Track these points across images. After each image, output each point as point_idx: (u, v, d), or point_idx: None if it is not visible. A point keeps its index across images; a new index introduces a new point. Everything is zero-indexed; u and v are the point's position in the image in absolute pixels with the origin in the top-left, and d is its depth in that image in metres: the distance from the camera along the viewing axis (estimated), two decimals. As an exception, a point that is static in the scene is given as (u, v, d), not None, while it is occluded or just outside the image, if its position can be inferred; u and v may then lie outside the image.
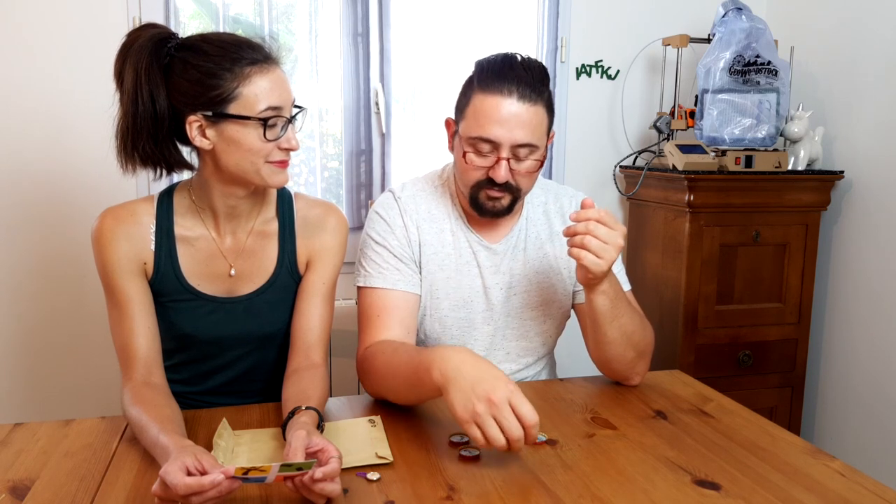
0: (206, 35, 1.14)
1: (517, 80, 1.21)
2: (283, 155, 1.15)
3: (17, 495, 0.92)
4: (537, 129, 1.23)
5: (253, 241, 1.25)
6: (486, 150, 1.23)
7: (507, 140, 1.21)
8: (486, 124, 1.21)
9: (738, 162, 2.12)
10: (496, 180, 1.23)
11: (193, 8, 2.19)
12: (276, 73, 1.13)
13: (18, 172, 2.04)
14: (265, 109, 1.10)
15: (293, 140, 1.15)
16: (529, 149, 1.23)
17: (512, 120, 1.20)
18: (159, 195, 1.23)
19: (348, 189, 2.27)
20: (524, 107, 1.20)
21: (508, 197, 1.27)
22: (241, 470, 0.84)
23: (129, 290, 1.16)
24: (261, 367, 1.31)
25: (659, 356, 2.23)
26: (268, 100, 1.10)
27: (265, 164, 1.13)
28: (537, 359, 1.42)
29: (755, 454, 1.06)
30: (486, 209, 1.28)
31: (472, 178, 1.27)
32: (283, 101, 1.12)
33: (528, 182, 1.29)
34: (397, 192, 1.38)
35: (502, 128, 1.20)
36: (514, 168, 1.24)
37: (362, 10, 2.20)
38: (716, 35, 2.19)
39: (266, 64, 1.12)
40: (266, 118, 1.10)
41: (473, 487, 0.95)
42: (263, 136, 1.11)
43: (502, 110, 1.20)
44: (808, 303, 2.24)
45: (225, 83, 1.09)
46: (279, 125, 1.12)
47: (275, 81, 1.12)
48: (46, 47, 2.01)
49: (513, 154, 1.23)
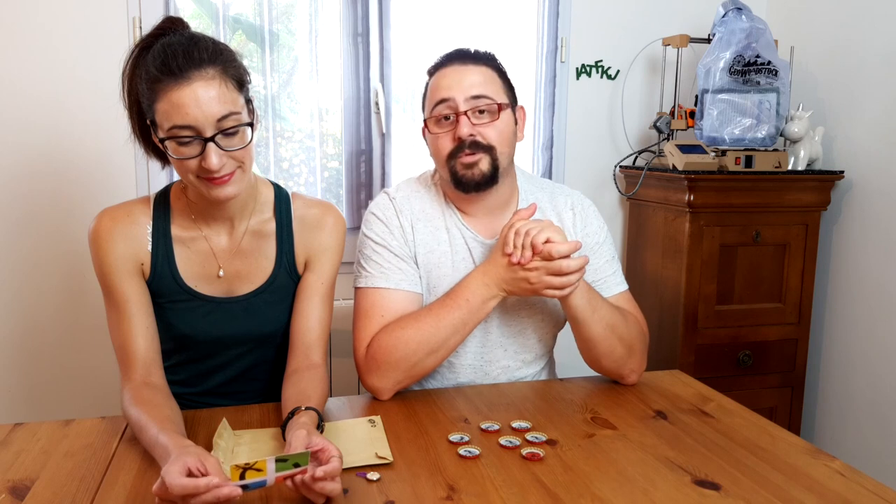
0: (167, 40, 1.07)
1: (455, 54, 1.33)
2: (208, 173, 1.07)
3: (17, 495, 0.92)
4: (487, 83, 1.29)
5: (249, 242, 1.24)
6: (445, 113, 1.29)
7: (459, 94, 1.27)
8: (438, 91, 1.30)
9: (738, 162, 2.12)
10: (461, 136, 1.27)
11: (193, 8, 2.19)
12: (191, 88, 1.02)
13: (18, 172, 2.04)
14: (171, 128, 1.04)
15: (210, 159, 1.04)
16: (486, 101, 1.28)
17: (459, 78, 1.29)
18: (156, 196, 1.23)
19: (348, 189, 2.27)
20: (467, 66, 1.30)
21: (485, 158, 1.28)
22: (237, 470, 0.84)
23: (126, 291, 1.16)
24: (260, 368, 1.30)
25: (659, 356, 2.23)
26: (174, 118, 1.03)
27: (197, 179, 1.09)
28: (535, 357, 1.42)
29: (755, 454, 1.06)
30: (467, 179, 1.29)
31: (443, 149, 1.30)
32: (194, 120, 1.03)
33: (499, 137, 1.29)
34: (392, 193, 1.39)
35: (452, 86, 1.28)
36: (476, 122, 1.28)
37: (362, 10, 2.20)
38: (716, 35, 2.19)
39: (179, 78, 1.03)
40: (172, 138, 1.05)
41: (473, 487, 0.95)
42: (166, 148, 1.06)
43: (448, 75, 1.30)
44: (808, 303, 2.24)
45: (145, 98, 1.07)
46: (195, 144, 1.05)
47: (186, 98, 1.02)
48: (46, 47, 2.01)
49: (471, 109, 1.27)
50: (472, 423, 1.16)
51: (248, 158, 1.11)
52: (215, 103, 1.04)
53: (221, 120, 1.05)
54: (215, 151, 1.05)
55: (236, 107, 1.08)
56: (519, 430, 1.13)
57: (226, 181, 1.09)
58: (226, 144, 1.07)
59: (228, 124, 1.06)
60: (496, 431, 1.13)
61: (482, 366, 1.38)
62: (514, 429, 1.14)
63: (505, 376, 1.39)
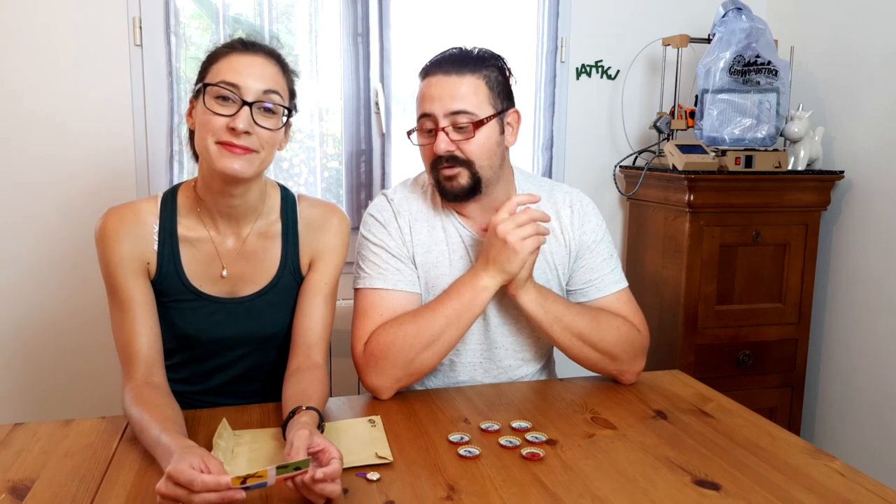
0: None
1: (445, 60, 1.30)
2: (231, 136, 1.10)
3: (17, 495, 0.92)
4: (468, 96, 1.27)
5: (255, 243, 1.25)
6: (428, 126, 1.29)
7: (439, 110, 1.26)
8: (423, 102, 1.30)
9: (738, 162, 2.12)
10: (437, 152, 1.27)
11: (193, 8, 2.19)
12: (252, 58, 1.14)
13: (17, 173, 2.04)
14: (219, 81, 1.11)
15: (239, 120, 1.09)
16: (466, 116, 1.26)
17: (440, 91, 1.27)
18: (163, 195, 1.23)
19: (348, 189, 2.27)
20: (451, 78, 1.27)
21: (465, 173, 1.29)
22: (237, 479, 0.83)
23: (131, 290, 1.17)
24: (261, 368, 1.31)
25: (659, 356, 2.23)
26: (226, 75, 1.11)
27: (214, 143, 1.12)
28: (535, 355, 1.42)
29: (755, 454, 1.06)
30: (449, 191, 1.31)
31: (426, 159, 1.33)
32: (242, 82, 1.11)
33: (478, 151, 1.28)
34: (389, 195, 1.40)
35: (433, 100, 1.27)
36: (456, 138, 1.27)
37: (362, 10, 2.20)
38: (716, 35, 2.19)
39: (245, 50, 1.14)
40: (215, 86, 1.11)
41: (473, 487, 0.95)
42: (207, 104, 1.12)
43: (431, 87, 1.29)
44: (808, 303, 2.24)
45: (207, 63, 1.15)
46: (232, 104, 1.11)
47: (243, 63, 1.12)
48: (46, 48, 2.01)
49: (451, 124, 1.27)
50: (472, 423, 1.16)
51: (269, 146, 1.15)
52: (268, 78, 1.14)
53: (266, 93, 1.12)
54: (247, 115, 1.11)
55: (283, 92, 1.16)
56: (519, 430, 1.13)
57: (239, 153, 1.12)
58: (259, 118, 1.12)
59: (271, 99, 1.13)
60: (496, 431, 1.13)
61: (482, 363, 1.38)
62: (514, 429, 1.14)
63: (505, 375, 1.39)
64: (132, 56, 2.06)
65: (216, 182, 1.17)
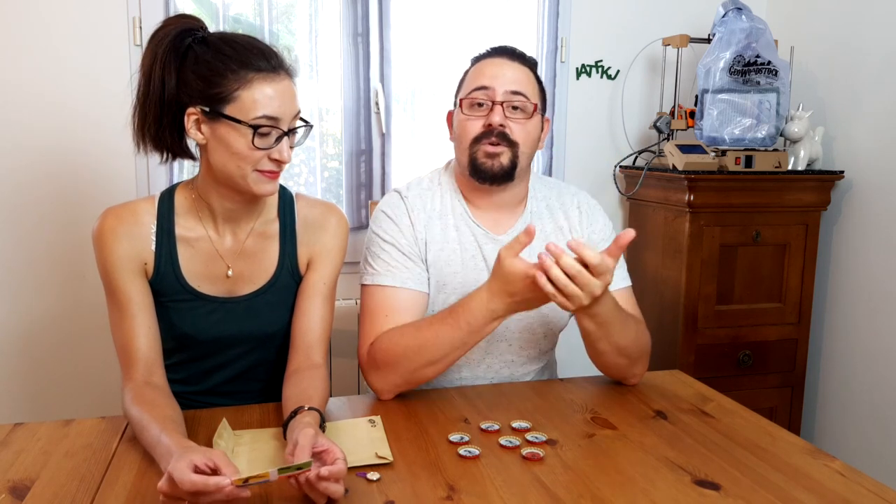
0: (226, 34, 1.15)
1: (504, 49, 1.36)
2: (273, 166, 1.13)
3: (17, 495, 0.92)
4: (527, 83, 1.32)
5: (253, 242, 1.25)
6: (481, 98, 1.31)
7: (499, 84, 1.30)
8: (479, 77, 1.33)
9: (738, 162, 2.12)
10: (491, 122, 1.29)
11: (193, 8, 2.19)
12: (283, 84, 1.11)
13: (17, 173, 2.04)
14: (259, 117, 1.09)
15: (285, 153, 1.12)
16: (522, 99, 1.30)
17: (502, 70, 1.32)
18: (160, 195, 1.23)
19: (348, 189, 2.27)
20: (514, 63, 1.34)
21: (507, 153, 1.30)
22: (239, 481, 0.83)
23: (129, 290, 1.16)
24: (260, 368, 1.31)
25: (659, 356, 2.23)
26: (264, 108, 1.09)
27: (253, 171, 1.12)
28: (539, 353, 1.42)
29: (755, 454, 1.06)
30: (486, 169, 1.30)
31: (470, 132, 1.32)
32: (281, 113, 1.10)
33: (525, 135, 1.31)
34: (403, 192, 1.39)
35: (495, 76, 1.31)
36: (509, 115, 1.30)
37: (362, 10, 2.20)
38: (716, 35, 2.19)
39: (273, 73, 1.11)
40: (258, 126, 1.09)
41: (473, 487, 0.95)
42: (252, 142, 1.10)
43: (493, 66, 1.33)
44: (808, 303, 2.24)
45: (226, 83, 1.09)
46: (273, 135, 1.11)
47: (277, 91, 1.10)
48: (46, 47, 2.01)
49: (507, 102, 1.30)
50: (472, 423, 1.16)
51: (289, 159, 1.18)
52: (296, 100, 1.15)
53: (296, 117, 1.15)
54: (287, 144, 1.13)
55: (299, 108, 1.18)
56: (519, 430, 1.13)
57: (276, 177, 1.16)
58: (291, 141, 1.15)
59: (299, 122, 1.15)
60: (496, 431, 1.13)
61: (485, 358, 1.38)
62: (514, 429, 1.14)
63: (508, 371, 1.40)
64: (132, 56, 2.06)
65: (233, 194, 1.18)
